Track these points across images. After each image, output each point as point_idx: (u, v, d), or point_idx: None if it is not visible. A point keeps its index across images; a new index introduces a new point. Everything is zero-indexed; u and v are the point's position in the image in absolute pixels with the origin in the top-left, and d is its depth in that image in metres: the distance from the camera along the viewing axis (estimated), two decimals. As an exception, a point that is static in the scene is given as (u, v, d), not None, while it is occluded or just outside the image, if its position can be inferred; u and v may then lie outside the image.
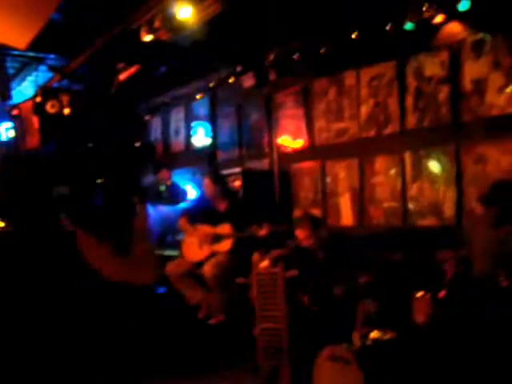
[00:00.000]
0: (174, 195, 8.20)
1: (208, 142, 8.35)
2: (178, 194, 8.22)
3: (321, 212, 6.50)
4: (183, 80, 8.50)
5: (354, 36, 5.89)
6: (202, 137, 8.42)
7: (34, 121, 8.20)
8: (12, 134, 9.21)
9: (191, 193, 8.32)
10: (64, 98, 8.02)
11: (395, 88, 5.84)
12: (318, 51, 6.38)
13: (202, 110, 8.49)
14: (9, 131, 9.26)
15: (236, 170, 7.18)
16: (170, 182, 8.37)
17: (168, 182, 8.37)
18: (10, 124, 9.20)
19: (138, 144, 9.65)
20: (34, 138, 8.35)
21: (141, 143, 9.67)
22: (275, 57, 6.85)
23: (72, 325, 2.52)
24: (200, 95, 8.24)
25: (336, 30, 6.15)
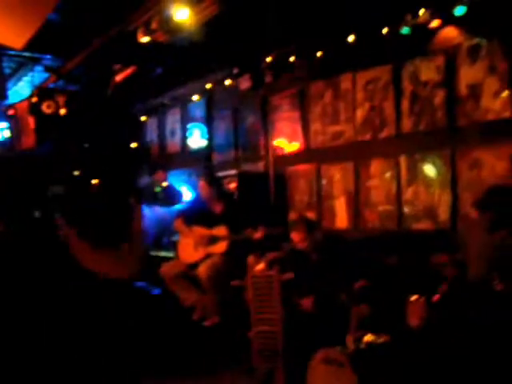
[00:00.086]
0: (170, 196, 8.20)
1: (204, 143, 8.35)
2: (173, 196, 8.22)
3: (316, 215, 6.51)
4: (179, 81, 8.50)
5: (350, 39, 5.91)
6: (198, 138, 8.41)
7: (30, 121, 8.19)
8: (7, 134, 9.19)
9: (187, 194, 8.32)
10: (60, 99, 8.01)
11: (391, 92, 5.85)
12: (314, 54, 6.41)
13: (198, 112, 8.49)
14: (4, 131, 9.24)
15: (232, 172, 7.19)
16: (166, 184, 8.38)
17: (164, 184, 8.37)
18: (5, 124, 9.18)
19: (134, 145, 9.65)
20: (29, 138, 8.33)
21: (137, 144, 9.67)
22: (272, 59, 6.86)
23: (65, 324, 2.52)
24: (196, 97, 8.24)
25: (332, 34, 6.17)
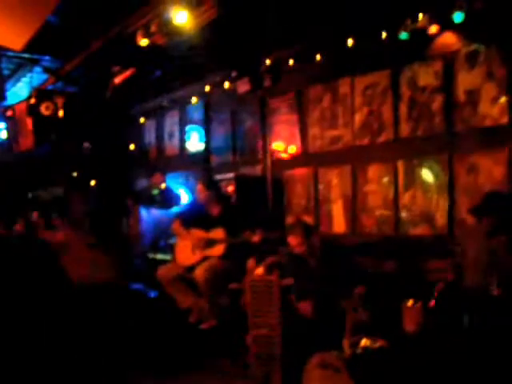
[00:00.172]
0: (167, 199, 8.20)
1: (202, 146, 8.35)
2: (171, 198, 8.22)
3: (313, 219, 6.51)
4: (178, 84, 8.51)
5: (349, 44, 5.92)
6: (196, 141, 8.41)
7: (28, 122, 8.17)
8: (5, 135, 9.18)
9: (184, 197, 8.32)
10: (58, 100, 8.00)
11: (389, 97, 5.87)
12: (313, 58, 6.42)
13: (197, 115, 8.49)
14: (2, 132, 9.23)
15: (229, 175, 7.18)
16: (164, 186, 8.37)
17: (161, 186, 8.37)
18: (3, 125, 9.18)
19: (132, 147, 9.65)
20: (27, 139, 8.32)
21: (135, 146, 9.66)
22: (270, 62, 6.87)
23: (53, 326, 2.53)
24: (195, 99, 8.24)
25: (331, 38, 6.18)
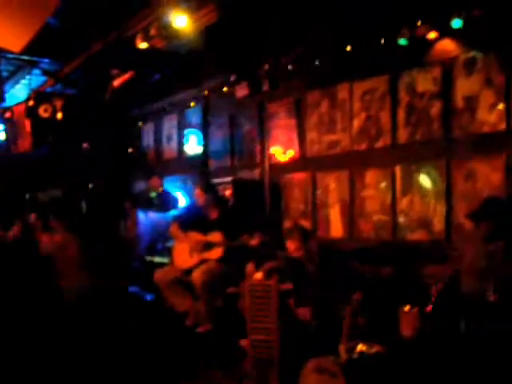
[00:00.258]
0: (165, 202, 8.20)
1: (200, 150, 8.35)
2: (168, 201, 8.22)
3: (311, 223, 6.51)
4: (177, 87, 8.52)
5: (347, 49, 5.94)
6: (194, 145, 8.42)
7: (27, 124, 8.18)
8: (3, 136, 9.18)
9: (182, 200, 8.32)
10: (57, 103, 8.01)
11: (387, 102, 5.88)
12: (311, 63, 6.43)
13: (195, 118, 8.50)
14: (0, 134, 9.22)
15: (227, 179, 7.19)
16: (161, 189, 8.37)
17: (159, 189, 8.37)
18: (1, 127, 9.17)
19: (131, 150, 9.65)
20: (25, 141, 8.32)
21: (133, 149, 9.67)
22: (269, 67, 6.88)
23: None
24: (193, 103, 8.25)
25: (330, 43, 6.20)
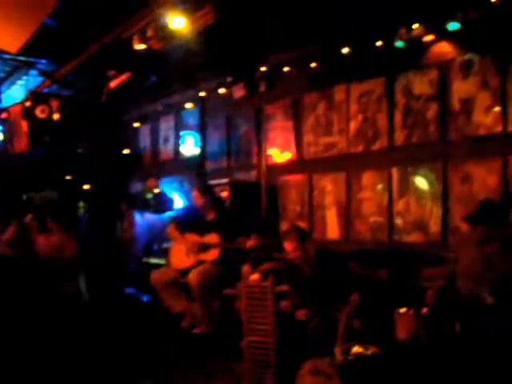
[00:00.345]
0: (161, 203, 8.19)
1: (197, 151, 8.35)
2: (165, 203, 8.21)
3: (307, 225, 6.51)
4: (173, 89, 8.51)
5: (344, 51, 5.95)
6: (191, 146, 8.42)
7: (23, 125, 8.16)
8: (0, 137, 9.16)
9: (178, 202, 8.31)
10: (54, 104, 7.99)
11: (384, 104, 5.89)
12: (308, 65, 6.44)
13: (192, 120, 8.50)
14: (-3, 134, 9.21)
15: (224, 180, 7.18)
16: (158, 191, 8.37)
17: (155, 190, 8.36)
18: (-2, 127, 9.16)
19: (127, 151, 9.64)
20: (22, 141, 8.30)
21: (129, 150, 9.65)
22: (266, 69, 6.89)
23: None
24: (190, 104, 8.25)
25: (327, 45, 6.21)
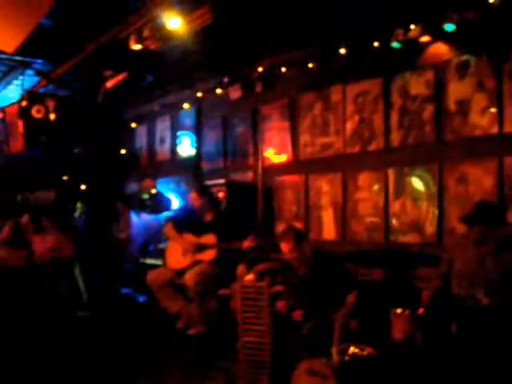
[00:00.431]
0: (158, 204, 8.18)
1: (193, 151, 8.35)
2: (161, 203, 8.20)
3: (303, 226, 6.51)
4: (170, 89, 8.51)
5: (341, 52, 5.96)
6: (188, 146, 8.41)
7: (19, 125, 8.13)
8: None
9: (175, 202, 8.30)
10: (50, 103, 7.97)
11: (380, 105, 5.90)
12: (305, 65, 6.44)
13: (188, 120, 8.49)
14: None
15: (220, 181, 7.18)
16: (154, 191, 8.36)
17: (152, 191, 8.35)
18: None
19: (123, 151, 9.63)
20: (18, 142, 8.27)
21: (126, 151, 9.64)
22: (262, 69, 6.89)
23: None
24: (186, 105, 8.24)
25: (323, 46, 6.21)
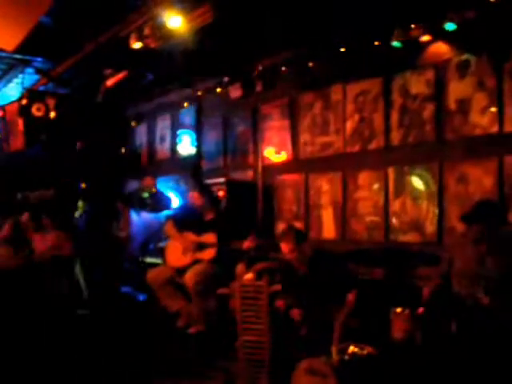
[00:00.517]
0: (158, 202, 8.17)
1: (193, 150, 8.35)
2: (161, 202, 8.19)
3: (303, 225, 6.52)
4: (170, 88, 8.50)
5: (341, 51, 5.95)
6: (188, 145, 8.41)
7: (19, 123, 8.12)
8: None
9: (175, 201, 8.30)
10: (50, 102, 7.96)
11: (381, 104, 5.90)
12: (305, 65, 6.44)
13: (188, 119, 8.49)
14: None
15: (220, 179, 7.18)
16: (154, 190, 8.35)
17: (152, 189, 8.34)
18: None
19: (123, 150, 9.62)
20: (18, 140, 8.27)
21: (126, 149, 9.64)
22: (263, 69, 6.89)
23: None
24: (187, 104, 8.24)
25: (324, 45, 6.21)
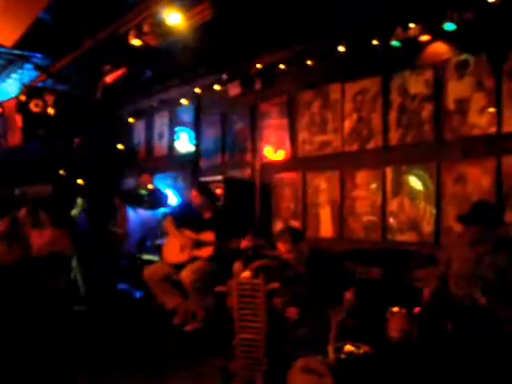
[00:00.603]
0: (155, 200, 8.17)
1: (191, 148, 8.34)
2: (159, 199, 8.19)
3: (301, 223, 6.53)
4: (169, 85, 8.50)
5: (340, 50, 5.95)
6: (186, 143, 8.41)
7: (17, 119, 8.12)
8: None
9: (172, 198, 8.30)
10: (48, 98, 7.96)
11: (379, 103, 5.90)
12: (304, 63, 6.44)
13: (187, 116, 8.48)
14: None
15: (217, 177, 7.18)
16: (152, 187, 8.35)
17: (149, 187, 8.34)
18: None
19: (121, 147, 9.61)
20: (16, 136, 8.27)
21: (124, 146, 9.62)
22: (262, 66, 6.89)
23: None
24: (185, 101, 8.23)
25: (323, 44, 6.21)
